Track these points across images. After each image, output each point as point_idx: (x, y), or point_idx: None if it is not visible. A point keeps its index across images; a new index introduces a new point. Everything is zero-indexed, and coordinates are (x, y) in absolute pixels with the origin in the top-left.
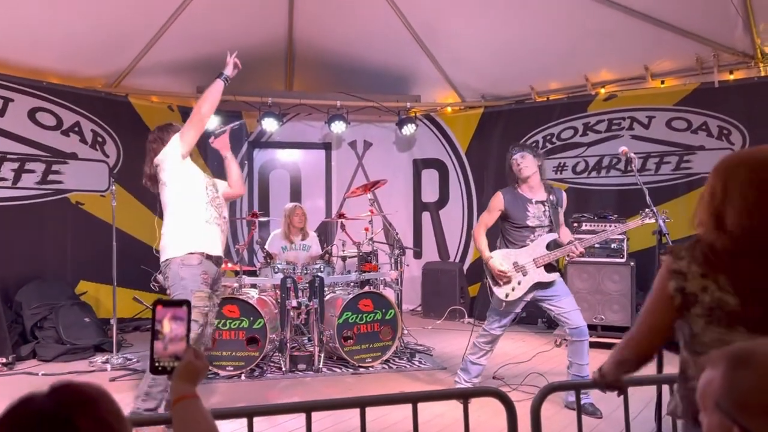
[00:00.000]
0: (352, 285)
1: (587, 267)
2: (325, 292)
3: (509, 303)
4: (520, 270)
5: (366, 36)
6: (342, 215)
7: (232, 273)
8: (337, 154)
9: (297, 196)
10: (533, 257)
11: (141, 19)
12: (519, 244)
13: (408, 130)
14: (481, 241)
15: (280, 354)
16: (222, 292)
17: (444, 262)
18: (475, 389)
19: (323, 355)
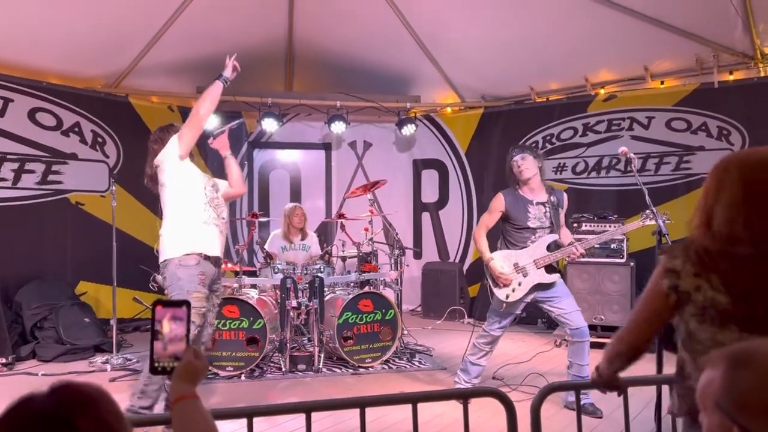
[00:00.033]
0: (352, 285)
1: (587, 267)
2: (325, 292)
3: (509, 304)
4: (520, 271)
5: (366, 36)
6: (342, 215)
7: (231, 273)
8: (337, 154)
9: (297, 196)
10: (534, 258)
11: (141, 19)
12: (520, 245)
13: (408, 130)
14: (482, 243)
15: (280, 354)
16: (222, 292)
17: (444, 262)
18: (475, 389)
19: (323, 356)
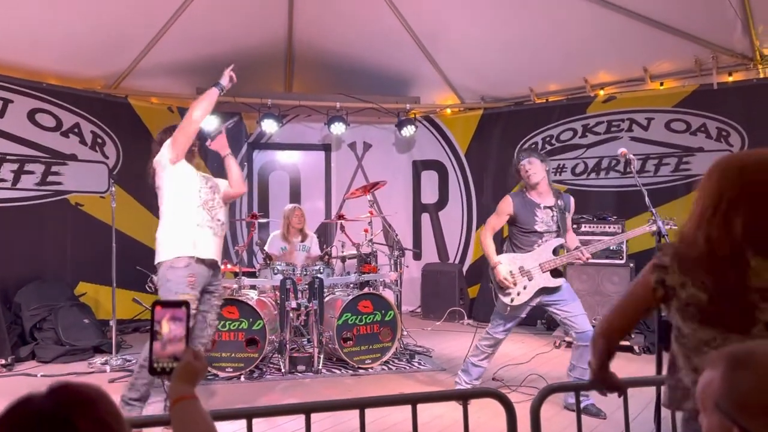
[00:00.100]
0: (351, 286)
1: (587, 268)
2: (325, 293)
3: (514, 308)
4: (525, 275)
5: (365, 37)
6: (341, 216)
7: (231, 274)
8: (337, 155)
9: (296, 197)
10: (539, 262)
11: (141, 20)
12: (526, 248)
13: (407, 131)
14: (489, 246)
15: (279, 355)
16: (222, 293)
17: (443, 263)
18: (475, 390)
19: (323, 357)
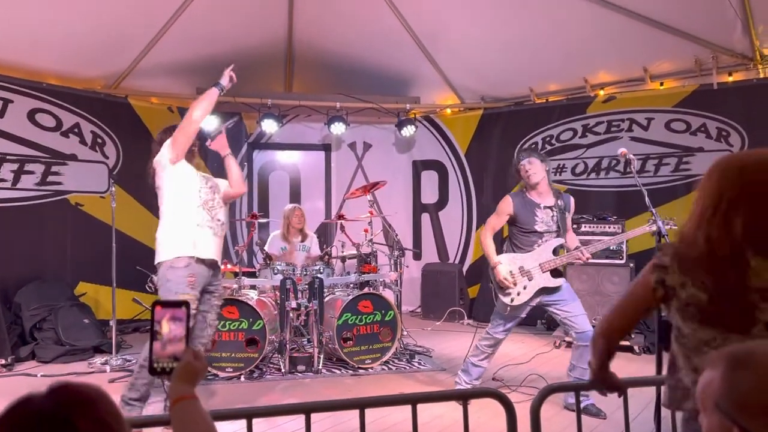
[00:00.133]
0: (351, 286)
1: (587, 268)
2: (325, 293)
3: (514, 308)
4: (525, 275)
5: (365, 37)
6: (341, 216)
7: (231, 274)
8: (337, 155)
9: (296, 197)
10: (539, 262)
11: (141, 20)
12: (526, 248)
13: (407, 131)
14: (489, 247)
15: (279, 355)
16: (222, 293)
17: (443, 263)
18: (475, 390)
19: (323, 357)
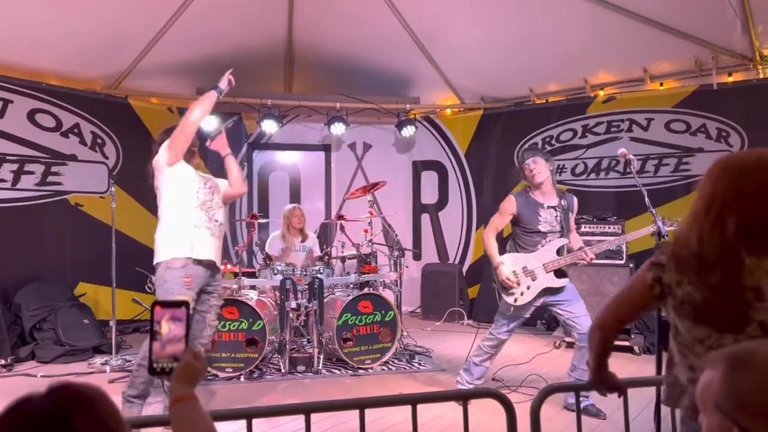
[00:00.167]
0: (351, 286)
1: (587, 269)
2: (325, 293)
3: (517, 308)
4: (529, 275)
5: (365, 38)
6: (341, 217)
7: (231, 274)
8: (337, 155)
9: (296, 197)
10: (543, 262)
11: (141, 20)
12: (530, 248)
13: (407, 131)
14: (492, 246)
15: (279, 355)
16: (222, 293)
17: (443, 263)
18: (475, 391)
19: (322, 357)
